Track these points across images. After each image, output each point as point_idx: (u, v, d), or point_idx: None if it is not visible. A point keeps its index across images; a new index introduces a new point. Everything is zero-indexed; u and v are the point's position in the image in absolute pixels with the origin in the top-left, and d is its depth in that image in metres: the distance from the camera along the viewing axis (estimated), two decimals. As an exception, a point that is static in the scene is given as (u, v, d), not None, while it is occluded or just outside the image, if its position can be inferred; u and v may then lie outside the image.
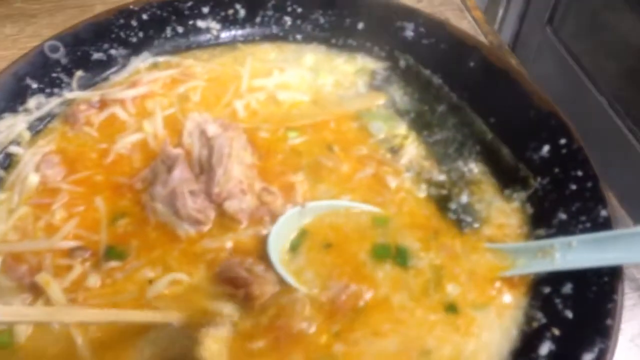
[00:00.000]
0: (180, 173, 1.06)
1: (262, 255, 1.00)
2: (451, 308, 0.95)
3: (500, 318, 0.95)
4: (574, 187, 1.02)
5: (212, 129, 1.13)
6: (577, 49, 2.16)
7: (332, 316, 0.93)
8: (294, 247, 1.02)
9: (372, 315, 0.94)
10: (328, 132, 1.21)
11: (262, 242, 1.01)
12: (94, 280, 0.97)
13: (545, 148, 1.08)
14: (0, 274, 0.96)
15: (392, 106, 1.26)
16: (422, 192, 1.11)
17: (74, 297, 0.94)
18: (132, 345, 0.90)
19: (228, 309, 0.94)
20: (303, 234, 1.04)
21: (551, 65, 2.29)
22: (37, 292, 0.93)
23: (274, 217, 1.04)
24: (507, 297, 0.97)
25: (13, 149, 1.15)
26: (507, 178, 1.11)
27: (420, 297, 0.96)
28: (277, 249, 1.01)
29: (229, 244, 1.02)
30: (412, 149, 1.17)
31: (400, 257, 1.01)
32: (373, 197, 1.10)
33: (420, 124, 1.22)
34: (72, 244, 1.00)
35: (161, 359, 0.89)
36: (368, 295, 0.96)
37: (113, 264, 0.99)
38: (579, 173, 1.02)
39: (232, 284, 0.96)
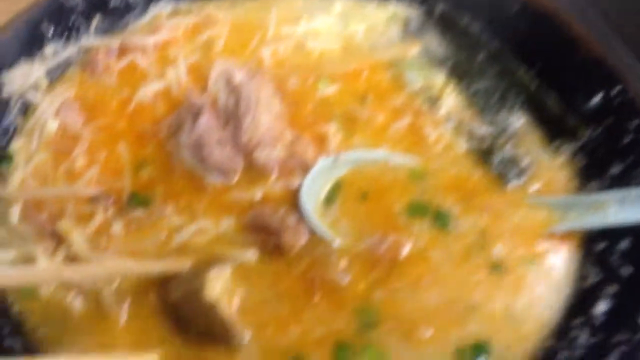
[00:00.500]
0: (206, 121, 1.01)
1: (294, 207, 0.94)
2: (497, 267, 0.90)
3: (550, 275, 0.89)
4: (629, 137, 0.94)
5: (238, 77, 1.07)
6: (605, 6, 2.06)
7: (371, 267, 0.88)
8: (329, 200, 0.96)
9: (410, 269, 0.89)
10: (360, 81, 1.14)
11: (293, 194, 0.96)
12: (118, 227, 0.92)
13: (597, 97, 1.00)
14: (20, 221, 0.92)
15: (427, 55, 1.18)
16: (462, 145, 1.04)
17: (96, 244, 0.90)
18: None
19: (249, 254, 0.89)
20: (338, 187, 0.98)
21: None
22: (58, 239, 0.89)
23: (305, 169, 0.98)
24: (558, 253, 0.91)
25: (31, 95, 1.09)
26: (554, 129, 1.04)
27: (462, 259, 0.90)
28: (311, 201, 0.95)
29: (258, 196, 0.97)
30: (451, 100, 1.10)
31: (440, 220, 0.94)
32: (410, 150, 1.03)
33: (459, 73, 1.14)
34: (94, 190, 0.95)
35: (172, 304, 0.85)
36: (407, 247, 0.90)
37: (137, 211, 0.94)
38: (635, 123, 0.94)
39: (262, 232, 0.91)
